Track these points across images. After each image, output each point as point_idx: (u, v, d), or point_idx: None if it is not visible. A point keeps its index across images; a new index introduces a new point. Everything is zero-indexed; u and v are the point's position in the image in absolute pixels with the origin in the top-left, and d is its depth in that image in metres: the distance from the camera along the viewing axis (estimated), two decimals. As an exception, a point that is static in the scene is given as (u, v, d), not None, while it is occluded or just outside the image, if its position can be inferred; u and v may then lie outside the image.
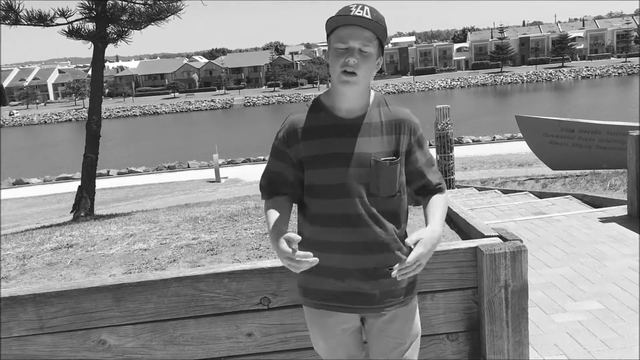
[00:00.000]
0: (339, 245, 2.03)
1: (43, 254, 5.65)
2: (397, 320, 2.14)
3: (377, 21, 1.94)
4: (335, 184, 2.01)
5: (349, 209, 2.01)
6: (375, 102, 2.09)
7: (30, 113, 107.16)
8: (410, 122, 2.08)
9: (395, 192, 2.05)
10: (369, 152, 2.01)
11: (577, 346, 3.42)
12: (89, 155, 11.80)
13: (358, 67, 1.93)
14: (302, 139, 2.04)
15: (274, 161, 2.13)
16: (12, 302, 2.55)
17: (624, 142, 9.31)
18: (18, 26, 11.60)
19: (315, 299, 2.13)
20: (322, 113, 2.07)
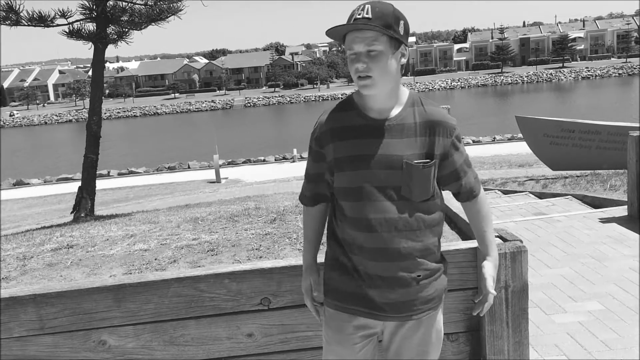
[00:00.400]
0: (368, 250, 1.98)
1: (43, 255, 5.65)
2: (422, 328, 2.08)
3: (378, 17, 1.88)
4: (364, 187, 1.96)
5: (379, 213, 1.95)
6: (410, 101, 2.03)
7: (31, 114, 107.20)
8: (446, 123, 2.00)
9: (429, 196, 1.99)
10: (400, 154, 1.95)
11: (577, 347, 3.42)
12: (89, 155, 11.80)
13: (369, 69, 1.89)
14: (332, 140, 2.01)
15: (311, 163, 2.10)
16: (13, 302, 2.55)
17: (624, 142, 9.32)
18: (18, 27, 11.60)
19: (340, 301, 2.07)
20: (353, 112, 2.02)
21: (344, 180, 2.00)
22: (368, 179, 1.95)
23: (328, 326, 2.13)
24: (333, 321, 2.11)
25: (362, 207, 1.96)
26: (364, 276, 2.01)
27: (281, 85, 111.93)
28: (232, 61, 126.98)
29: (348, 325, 2.07)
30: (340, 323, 2.08)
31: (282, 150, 36.27)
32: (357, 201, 1.97)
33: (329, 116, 2.04)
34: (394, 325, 2.08)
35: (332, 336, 2.11)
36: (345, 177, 1.99)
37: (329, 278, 2.12)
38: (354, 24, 1.87)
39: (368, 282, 2.00)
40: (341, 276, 2.06)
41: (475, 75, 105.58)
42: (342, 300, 2.07)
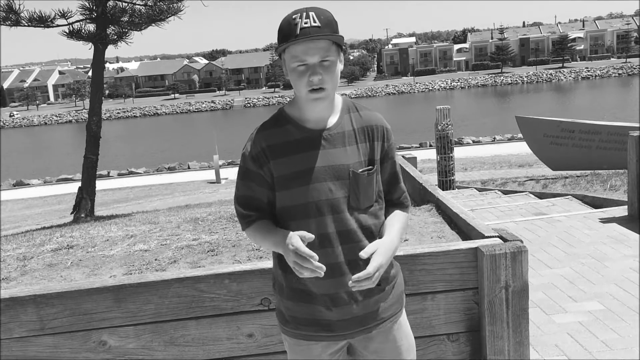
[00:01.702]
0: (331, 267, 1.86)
1: (43, 255, 5.65)
2: (390, 336, 2.02)
3: (326, 25, 1.79)
4: (311, 202, 1.86)
5: (331, 227, 1.87)
6: (345, 108, 1.96)
7: (31, 114, 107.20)
8: (383, 127, 1.96)
9: (372, 202, 1.93)
10: (346, 163, 1.88)
11: (577, 347, 3.42)
12: (89, 156, 11.81)
13: (324, 81, 1.80)
14: (272, 158, 1.88)
15: (246, 183, 1.95)
16: (13, 303, 2.55)
17: (624, 142, 9.32)
18: (18, 27, 11.61)
19: (301, 329, 1.97)
20: (288, 126, 1.91)
21: (289, 199, 1.88)
22: (316, 193, 1.86)
23: (293, 354, 2.03)
24: (297, 347, 2.01)
25: (312, 223, 1.87)
26: (321, 298, 1.91)
27: (281, 85, 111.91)
28: (231, 62, 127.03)
29: (315, 347, 1.98)
30: (306, 348, 1.99)
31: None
32: (305, 218, 1.87)
33: (264, 133, 1.92)
34: (362, 339, 2.00)
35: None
36: (290, 195, 1.88)
37: (285, 308, 2.00)
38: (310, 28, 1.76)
39: (327, 302, 1.91)
40: (297, 303, 1.96)
41: (475, 75, 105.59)
42: (302, 328, 1.97)
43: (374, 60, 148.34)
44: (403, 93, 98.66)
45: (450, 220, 4.28)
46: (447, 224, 4.31)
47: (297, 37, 1.76)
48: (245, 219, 2.00)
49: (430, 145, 29.35)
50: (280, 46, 1.82)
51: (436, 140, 10.39)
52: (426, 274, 2.65)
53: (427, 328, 2.70)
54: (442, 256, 2.65)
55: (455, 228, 4.06)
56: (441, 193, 4.63)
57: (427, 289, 2.66)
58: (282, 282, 1.99)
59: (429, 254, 2.63)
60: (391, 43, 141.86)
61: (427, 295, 2.66)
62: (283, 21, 1.83)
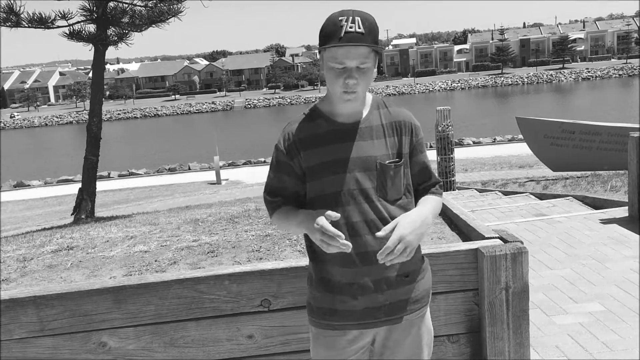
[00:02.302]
0: (353, 256, 1.94)
1: (43, 256, 5.65)
2: (413, 329, 2.06)
3: (369, 32, 1.86)
4: (341, 191, 1.94)
5: (359, 216, 1.94)
6: (374, 104, 2.05)
7: (31, 115, 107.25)
8: (411, 123, 2.05)
9: (401, 194, 2.00)
10: (373, 155, 1.96)
11: (578, 348, 3.42)
12: (90, 157, 11.81)
13: (358, 85, 1.89)
14: (302, 149, 1.98)
15: (277, 175, 2.04)
16: (13, 304, 2.55)
17: (624, 143, 9.31)
18: (19, 28, 11.61)
19: (327, 319, 2.02)
20: (320, 120, 2.01)
21: (319, 188, 1.97)
22: (344, 183, 1.94)
23: (317, 344, 2.07)
24: (322, 338, 2.05)
25: (341, 212, 1.92)
26: (349, 287, 1.97)
27: (281, 86, 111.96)
28: (232, 63, 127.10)
29: (340, 340, 2.02)
30: (331, 339, 2.03)
31: (283, 152, 36.11)
32: (333, 207, 1.93)
33: (296, 126, 2.02)
34: (386, 329, 2.05)
35: (323, 353, 2.06)
36: (319, 184, 1.97)
37: (312, 298, 2.07)
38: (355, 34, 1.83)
39: (355, 291, 1.97)
40: (325, 294, 2.02)
41: (475, 76, 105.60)
42: (329, 318, 2.02)
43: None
44: (403, 94, 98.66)
45: (450, 221, 4.28)
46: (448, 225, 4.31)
47: (340, 40, 1.84)
48: (271, 205, 2.08)
49: (430, 146, 29.27)
50: (323, 45, 1.89)
51: (436, 141, 10.39)
52: (426, 275, 2.64)
53: (427, 329, 2.70)
54: (442, 257, 2.65)
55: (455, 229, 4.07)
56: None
57: (427, 290, 2.65)
58: (312, 273, 2.07)
59: (429, 255, 2.63)
60: (391, 44, 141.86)
61: (427, 296, 2.66)
62: (328, 20, 1.89)
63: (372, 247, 1.94)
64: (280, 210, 2.05)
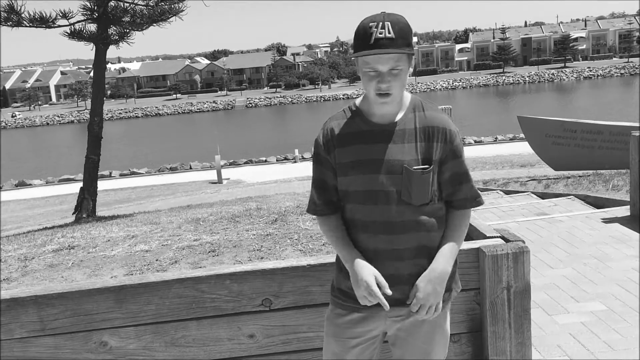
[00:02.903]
0: (373, 251, 2.02)
1: (44, 256, 5.65)
2: (425, 323, 2.09)
3: (401, 36, 1.88)
4: (367, 190, 1.99)
5: (381, 216, 1.99)
6: (411, 106, 2.05)
7: (33, 115, 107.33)
8: (445, 129, 2.02)
9: (427, 200, 2.01)
10: (401, 159, 1.98)
11: (579, 347, 3.41)
12: (91, 156, 11.81)
13: (391, 87, 1.92)
14: (337, 145, 2.04)
15: (318, 168, 2.10)
16: (14, 303, 2.55)
17: (626, 142, 9.30)
18: (20, 28, 11.61)
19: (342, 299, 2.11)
20: (357, 119, 2.05)
21: (347, 184, 2.03)
22: (370, 183, 1.99)
23: (328, 319, 2.19)
24: (331, 313, 2.17)
25: (365, 209, 2.01)
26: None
27: (283, 85, 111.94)
28: (233, 62, 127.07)
29: (342, 319, 2.11)
30: (337, 316, 2.13)
31: (284, 151, 36.24)
32: (360, 204, 2.01)
33: (334, 123, 2.08)
34: (397, 325, 2.09)
35: (329, 328, 2.17)
36: (347, 181, 2.02)
37: (336, 278, 2.16)
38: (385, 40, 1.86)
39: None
40: (343, 276, 2.11)
41: (476, 75, 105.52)
42: (344, 299, 2.11)
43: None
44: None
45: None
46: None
47: (370, 46, 1.88)
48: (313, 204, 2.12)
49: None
50: (355, 52, 1.93)
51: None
52: (428, 275, 2.63)
53: (428, 329, 2.69)
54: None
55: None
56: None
57: (429, 289, 2.65)
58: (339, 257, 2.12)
59: (431, 254, 2.62)
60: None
61: (428, 295, 2.65)
62: (360, 26, 1.93)
63: (389, 246, 2.00)
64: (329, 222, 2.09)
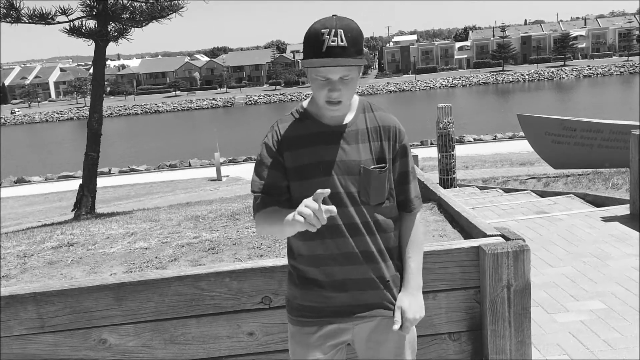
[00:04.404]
0: (336, 256, 1.97)
1: (44, 253, 5.65)
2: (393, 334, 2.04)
3: (352, 44, 1.83)
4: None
5: (340, 219, 1.94)
6: (360, 107, 2.03)
7: (32, 111, 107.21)
8: (395, 128, 2.02)
9: (383, 199, 2.00)
10: (357, 159, 1.95)
11: (579, 346, 3.41)
12: (90, 153, 11.81)
13: (342, 95, 1.88)
14: (288, 149, 1.98)
15: (265, 170, 1.99)
16: (13, 300, 2.55)
17: (626, 141, 9.30)
18: (19, 24, 11.61)
19: (301, 315, 2.04)
20: (307, 121, 2.00)
21: (302, 190, 1.93)
22: (327, 186, 1.91)
23: (293, 341, 2.09)
24: (298, 336, 2.07)
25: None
26: (331, 285, 1.98)
27: (282, 83, 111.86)
28: (233, 59, 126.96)
29: (313, 336, 2.03)
30: (305, 336, 2.04)
31: (283, 149, 36.10)
32: None
33: (283, 125, 2.02)
34: (367, 330, 2.04)
35: (299, 351, 2.07)
36: (304, 185, 1.95)
37: (292, 296, 2.08)
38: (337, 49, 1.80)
39: (337, 288, 1.98)
40: (305, 292, 2.02)
41: (476, 73, 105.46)
42: (306, 315, 2.03)
43: (375, 58, 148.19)
44: (404, 91, 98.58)
45: (451, 218, 4.27)
46: (449, 223, 4.30)
47: (322, 55, 1.82)
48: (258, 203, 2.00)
49: (431, 143, 29.33)
50: (305, 59, 1.88)
51: (437, 138, 10.38)
52: (428, 273, 2.63)
53: (428, 327, 2.69)
54: (443, 255, 2.64)
55: (456, 226, 4.06)
56: (442, 191, 4.62)
57: (429, 287, 2.65)
58: (292, 271, 2.07)
59: (431, 252, 2.62)
60: (392, 41, 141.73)
61: (428, 294, 2.65)
62: (311, 31, 1.85)
63: (354, 248, 1.96)
64: (264, 212, 1.98)
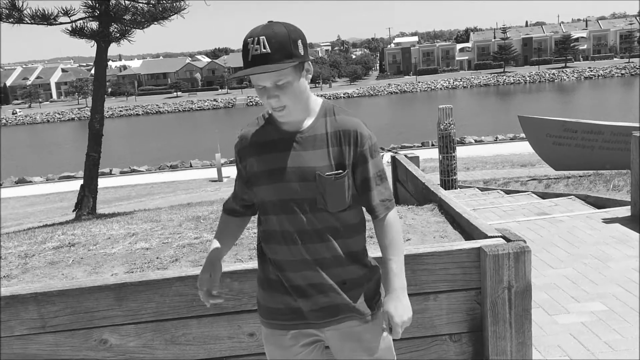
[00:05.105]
0: (288, 263, 1.97)
1: (45, 253, 5.65)
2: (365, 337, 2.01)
3: (277, 49, 1.80)
4: (280, 200, 1.94)
5: (295, 226, 1.93)
6: (322, 111, 1.99)
7: (33, 112, 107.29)
8: (356, 132, 1.94)
9: (345, 206, 1.95)
10: (313, 165, 1.91)
11: (580, 348, 3.41)
12: (92, 154, 11.81)
13: (281, 101, 1.86)
14: (251, 155, 2.00)
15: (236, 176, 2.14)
16: (14, 301, 2.55)
17: (627, 142, 9.29)
18: (21, 25, 11.62)
19: (270, 317, 2.05)
20: (269, 127, 2.00)
21: (262, 195, 1.99)
22: (284, 192, 1.93)
23: (268, 342, 2.09)
24: (271, 337, 2.07)
25: (281, 220, 1.95)
26: (291, 289, 1.98)
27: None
28: (234, 60, 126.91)
29: (284, 338, 2.04)
30: (278, 338, 2.05)
31: (284, 150, 36.13)
32: (275, 214, 1.96)
33: (246, 131, 2.04)
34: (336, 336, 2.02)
35: (274, 351, 2.08)
36: (262, 191, 1.98)
37: (261, 298, 2.08)
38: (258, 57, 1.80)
39: (297, 293, 1.98)
40: (271, 294, 2.03)
41: (477, 74, 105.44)
42: (274, 318, 2.04)
43: (376, 59, 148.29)
44: (405, 92, 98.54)
45: (452, 219, 4.27)
46: (450, 224, 4.29)
47: (248, 64, 1.83)
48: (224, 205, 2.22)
49: (432, 144, 29.35)
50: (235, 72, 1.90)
51: (438, 140, 10.38)
52: (429, 274, 2.63)
53: (429, 328, 2.69)
54: (444, 256, 2.64)
55: (457, 228, 4.05)
56: (443, 192, 4.61)
57: (430, 288, 2.65)
58: (260, 273, 2.09)
59: (432, 253, 2.62)
60: (394, 42, 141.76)
61: (429, 295, 2.65)
62: (243, 41, 1.86)
63: (310, 256, 1.94)
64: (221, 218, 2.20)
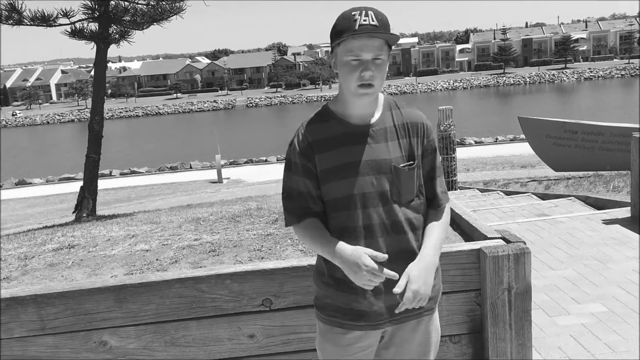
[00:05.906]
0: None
1: (45, 255, 5.65)
2: (421, 327, 2.05)
3: (383, 26, 1.87)
4: (356, 194, 1.93)
5: (373, 219, 1.93)
6: (386, 105, 2.03)
7: (33, 113, 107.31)
8: (423, 124, 2.03)
9: (414, 196, 1.99)
10: (387, 158, 1.95)
11: (580, 349, 3.40)
12: (91, 155, 11.81)
13: (374, 77, 1.88)
14: (316, 152, 1.96)
15: (295, 178, 1.99)
16: (14, 302, 2.55)
17: (627, 143, 9.29)
18: (21, 26, 11.62)
19: (337, 317, 2.01)
20: (333, 122, 1.99)
21: (334, 191, 1.95)
22: (359, 186, 1.93)
23: (324, 339, 2.07)
24: (329, 334, 2.05)
25: (356, 215, 1.93)
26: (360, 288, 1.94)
27: (283, 85, 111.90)
28: (234, 61, 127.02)
29: (347, 337, 2.02)
30: (336, 336, 2.03)
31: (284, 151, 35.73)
32: (348, 210, 1.94)
33: (309, 128, 2.00)
34: (393, 327, 2.04)
35: (330, 349, 2.06)
36: (334, 187, 1.95)
37: (323, 295, 2.05)
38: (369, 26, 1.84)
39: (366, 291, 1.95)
40: (336, 292, 2.00)
41: (477, 76, 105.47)
42: (337, 316, 2.02)
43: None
44: (405, 93, 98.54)
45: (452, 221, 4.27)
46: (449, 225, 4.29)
47: (355, 31, 1.84)
48: (291, 214, 2.02)
49: (432, 145, 29.28)
50: (338, 39, 1.89)
51: (438, 141, 10.39)
52: (428, 275, 2.63)
53: (429, 329, 2.68)
54: (444, 257, 2.64)
55: (457, 229, 4.05)
56: (443, 194, 4.60)
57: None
58: (324, 270, 2.04)
59: (432, 255, 2.62)
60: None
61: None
62: (341, 17, 1.90)
63: (387, 249, 1.93)
64: (303, 224, 1.99)
